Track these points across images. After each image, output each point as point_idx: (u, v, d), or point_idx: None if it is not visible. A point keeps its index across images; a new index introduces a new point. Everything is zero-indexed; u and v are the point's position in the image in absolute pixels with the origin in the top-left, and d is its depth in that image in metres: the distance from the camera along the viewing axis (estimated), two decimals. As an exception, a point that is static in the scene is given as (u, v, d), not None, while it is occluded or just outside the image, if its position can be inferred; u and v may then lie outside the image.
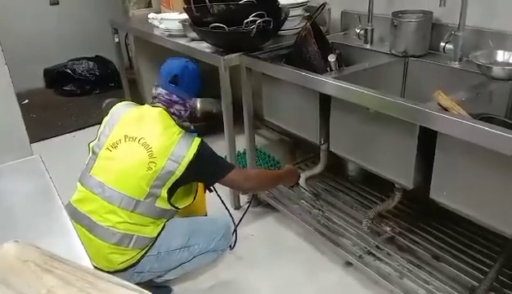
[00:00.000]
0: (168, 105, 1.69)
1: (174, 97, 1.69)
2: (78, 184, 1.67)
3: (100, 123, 1.73)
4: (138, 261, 1.61)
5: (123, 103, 1.78)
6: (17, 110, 1.46)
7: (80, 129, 3.37)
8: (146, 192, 1.56)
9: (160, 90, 1.71)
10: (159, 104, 1.70)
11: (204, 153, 1.62)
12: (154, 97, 1.73)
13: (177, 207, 1.66)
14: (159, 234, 1.63)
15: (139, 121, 1.65)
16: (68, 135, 3.41)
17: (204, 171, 1.66)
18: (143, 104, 1.77)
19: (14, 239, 0.66)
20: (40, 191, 0.95)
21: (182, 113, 1.73)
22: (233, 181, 1.73)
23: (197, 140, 1.61)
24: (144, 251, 1.61)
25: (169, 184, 1.58)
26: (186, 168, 1.57)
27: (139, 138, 1.59)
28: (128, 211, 1.56)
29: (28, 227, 0.83)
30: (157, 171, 1.55)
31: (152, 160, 1.55)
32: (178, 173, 1.57)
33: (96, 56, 4.52)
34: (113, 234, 1.56)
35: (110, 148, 1.61)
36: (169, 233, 1.65)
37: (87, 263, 0.71)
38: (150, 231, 1.61)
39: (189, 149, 1.58)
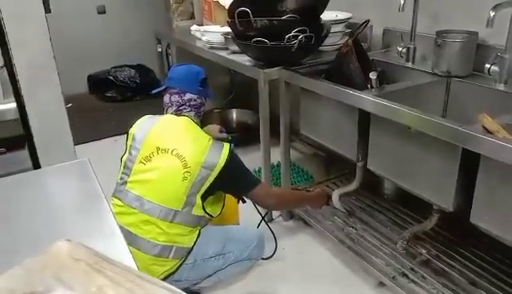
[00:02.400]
0: (197, 110, 1.75)
1: (203, 99, 1.77)
2: (114, 199, 1.69)
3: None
4: (176, 270, 1.63)
5: (147, 116, 1.79)
6: (64, 115, 1.54)
7: (121, 134, 3.47)
8: (184, 201, 1.59)
9: (190, 95, 1.74)
10: (186, 113, 1.73)
11: (234, 161, 1.65)
12: (182, 104, 1.73)
13: (211, 215, 1.69)
14: (195, 243, 1.66)
15: (168, 132, 1.68)
16: (109, 139, 3.53)
17: (234, 180, 1.68)
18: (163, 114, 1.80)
19: (65, 238, 0.70)
20: (88, 194, 0.99)
21: (202, 112, 1.80)
22: (258, 196, 1.73)
23: (227, 148, 1.63)
24: (182, 260, 1.63)
25: (202, 191, 1.61)
26: (218, 175, 1.60)
27: (171, 149, 1.61)
28: (168, 221, 1.59)
29: (77, 228, 0.87)
30: (192, 179, 1.58)
31: (187, 169, 1.58)
32: (211, 179, 1.60)
33: (138, 65, 4.66)
34: (154, 246, 1.59)
35: (144, 161, 1.63)
36: (205, 241, 1.67)
37: (133, 266, 0.74)
38: (188, 240, 1.64)
39: (220, 156, 1.60)
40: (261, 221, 1.98)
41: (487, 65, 1.77)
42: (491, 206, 1.32)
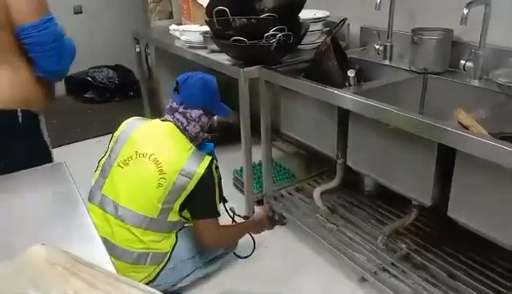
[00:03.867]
0: (194, 122, 1.70)
1: (208, 114, 1.75)
2: (89, 203, 1.65)
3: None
4: (156, 277, 1.62)
5: (133, 118, 1.76)
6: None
7: (101, 135, 3.43)
8: (159, 209, 1.56)
9: (195, 111, 1.71)
10: (170, 119, 1.69)
11: (212, 176, 1.61)
12: (176, 111, 1.71)
13: (187, 218, 1.67)
14: (173, 247, 1.64)
15: (150, 136, 1.65)
16: (88, 141, 3.48)
17: (198, 198, 1.61)
18: (155, 118, 1.77)
19: (41, 243, 0.68)
20: (65, 197, 0.98)
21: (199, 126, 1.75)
22: (205, 230, 1.64)
23: (208, 159, 1.61)
24: (160, 266, 1.62)
25: (182, 199, 1.59)
26: (197, 183, 1.57)
27: (149, 154, 1.58)
28: (142, 229, 1.57)
29: (54, 232, 0.86)
30: (167, 186, 1.55)
31: (162, 176, 1.54)
32: (190, 188, 1.57)
33: (117, 65, 4.61)
34: (130, 254, 1.57)
35: (122, 164, 1.61)
36: (182, 243, 1.66)
37: (110, 268, 0.73)
38: (164, 246, 1.63)
39: (199, 165, 1.58)
40: (233, 218, 1.95)
41: (463, 62, 1.81)
42: (468, 199, 1.35)
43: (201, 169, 1.57)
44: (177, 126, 1.67)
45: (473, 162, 1.27)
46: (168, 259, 1.63)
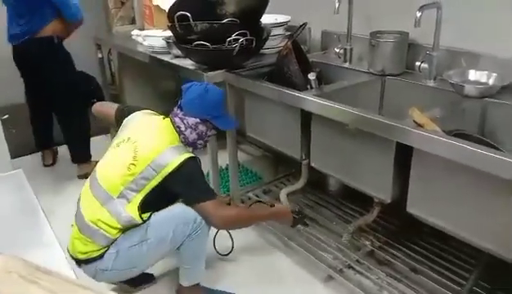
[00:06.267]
0: (190, 129, 1.74)
1: (208, 125, 1.78)
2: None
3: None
4: (100, 257, 1.61)
5: (144, 111, 1.85)
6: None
7: (63, 144, 3.34)
8: (120, 190, 1.60)
9: (192, 119, 1.75)
10: (170, 117, 1.75)
11: (187, 171, 1.61)
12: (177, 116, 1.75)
13: (144, 220, 1.63)
14: (119, 236, 1.63)
15: (144, 126, 1.76)
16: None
17: (184, 188, 1.63)
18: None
19: (-2, 252, 0.67)
20: (23, 205, 0.96)
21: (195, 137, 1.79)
22: (204, 212, 1.64)
23: (186, 156, 1.60)
24: (105, 249, 1.62)
25: (145, 191, 1.59)
26: (163, 179, 1.58)
27: (134, 140, 1.67)
28: (99, 203, 1.62)
29: (12, 240, 0.84)
30: (134, 174, 1.59)
31: (133, 162, 1.61)
32: (154, 182, 1.59)
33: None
34: (83, 222, 1.63)
35: (115, 146, 1.73)
36: (129, 233, 1.63)
37: (69, 273, 0.72)
38: (113, 233, 1.61)
39: (172, 160, 1.58)
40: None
41: (418, 63, 1.89)
42: (425, 195, 1.41)
43: (172, 165, 1.57)
44: (173, 124, 1.73)
45: (429, 158, 1.32)
46: (113, 242, 1.62)
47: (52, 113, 3.13)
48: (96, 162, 1.80)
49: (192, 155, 1.64)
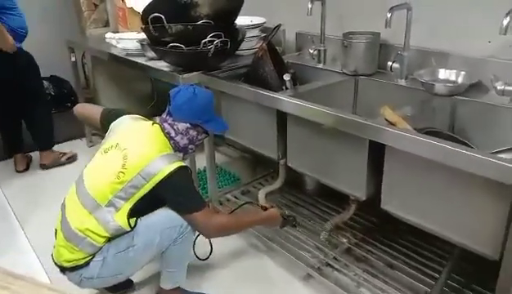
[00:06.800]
0: (180, 135, 1.71)
1: (198, 130, 1.75)
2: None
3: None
4: (85, 265, 1.58)
5: (131, 115, 1.82)
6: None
7: (36, 150, 3.28)
8: (108, 199, 1.57)
9: (182, 124, 1.72)
10: (160, 123, 1.72)
11: (177, 181, 1.58)
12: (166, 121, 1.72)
13: (132, 228, 1.62)
14: (105, 243, 1.61)
15: (134, 133, 1.71)
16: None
17: (172, 198, 1.62)
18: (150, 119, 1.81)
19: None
20: (-5, 211, 0.94)
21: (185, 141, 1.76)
22: (196, 222, 1.63)
23: (177, 165, 1.57)
24: (91, 256, 1.59)
25: (134, 200, 1.57)
26: (153, 188, 1.55)
27: (123, 148, 1.62)
28: (87, 211, 1.58)
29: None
30: (123, 182, 1.56)
31: (122, 171, 1.57)
32: (144, 191, 1.56)
33: (52, 76, 4.41)
34: (68, 230, 1.59)
35: (103, 152, 1.68)
36: (116, 240, 1.61)
37: (44, 278, 0.71)
38: (100, 241, 1.58)
39: (162, 169, 1.55)
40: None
41: (390, 63, 1.93)
42: (398, 191, 1.44)
43: (162, 174, 1.55)
44: (162, 130, 1.70)
45: (401, 156, 1.35)
46: (98, 251, 1.59)
47: (21, 117, 3.07)
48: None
49: (183, 164, 1.61)
